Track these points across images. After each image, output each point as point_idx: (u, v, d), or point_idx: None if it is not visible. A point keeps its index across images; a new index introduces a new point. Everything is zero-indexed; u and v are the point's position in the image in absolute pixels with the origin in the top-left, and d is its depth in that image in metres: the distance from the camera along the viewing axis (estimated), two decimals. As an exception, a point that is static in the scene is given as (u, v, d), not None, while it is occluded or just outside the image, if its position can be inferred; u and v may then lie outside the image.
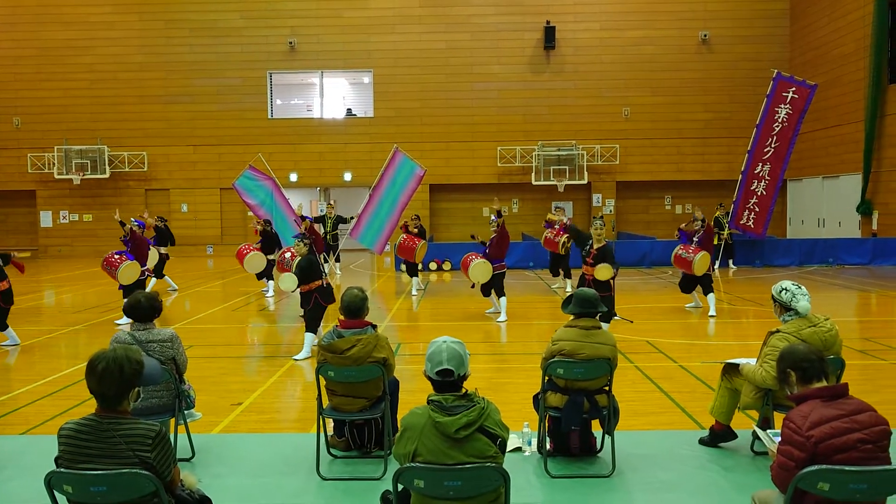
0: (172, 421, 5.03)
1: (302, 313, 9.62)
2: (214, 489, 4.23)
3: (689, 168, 26.01)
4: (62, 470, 2.95)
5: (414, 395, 6.71)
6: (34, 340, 10.43)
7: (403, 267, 17.65)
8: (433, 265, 19.62)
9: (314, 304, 8.86)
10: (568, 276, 15.20)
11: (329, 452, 5.32)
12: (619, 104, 25.92)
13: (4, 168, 26.04)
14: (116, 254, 11.50)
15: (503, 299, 11.52)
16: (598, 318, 5.14)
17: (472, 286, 11.99)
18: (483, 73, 25.83)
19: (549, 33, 25.44)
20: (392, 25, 25.76)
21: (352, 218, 15.83)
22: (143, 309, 5.01)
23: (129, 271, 11.26)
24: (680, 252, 11.99)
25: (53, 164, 25.53)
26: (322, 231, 17.50)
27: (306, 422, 6.41)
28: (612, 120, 25.87)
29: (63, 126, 25.69)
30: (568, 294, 5.53)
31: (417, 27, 25.73)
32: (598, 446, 5.27)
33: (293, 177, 25.51)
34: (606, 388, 5.01)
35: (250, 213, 20.81)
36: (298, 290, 9.06)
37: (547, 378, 5.02)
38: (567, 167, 25.17)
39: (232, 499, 4.60)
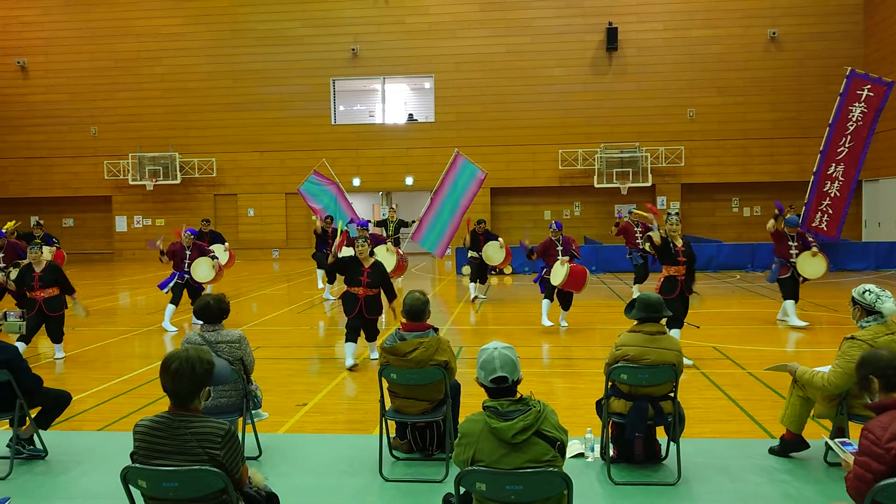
0: (240, 420, 5.15)
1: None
2: (280, 488, 4.31)
3: (757, 169, 25.31)
4: (137, 465, 3.06)
5: (475, 398, 6.67)
6: (110, 341, 10.83)
7: (466, 270, 17.70)
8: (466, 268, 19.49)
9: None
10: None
11: (391, 454, 5.37)
12: (683, 105, 25.42)
13: (82, 175, 27.19)
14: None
15: (546, 302, 11.21)
16: (664, 323, 5.04)
17: (521, 244, 11.82)
18: (544, 76, 25.70)
19: (612, 34, 25.14)
20: (453, 30, 25.87)
21: (413, 222, 15.92)
22: (212, 311, 5.16)
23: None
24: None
25: (128, 170, 26.53)
26: (384, 235, 17.66)
27: (368, 423, 6.48)
28: (676, 121, 25.39)
29: (137, 134, 26.68)
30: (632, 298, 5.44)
31: (478, 31, 25.78)
32: (663, 454, 5.17)
33: (356, 181, 25.86)
34: (672, 394, 4.91)
35: (314, 217, 21.25)
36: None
37: (610, 384, 4.96)
38: (630, 169, 24.82)
39: (297, 497, 4.68)
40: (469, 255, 14.72)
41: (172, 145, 26.48)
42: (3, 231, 11.98)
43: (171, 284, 11.59)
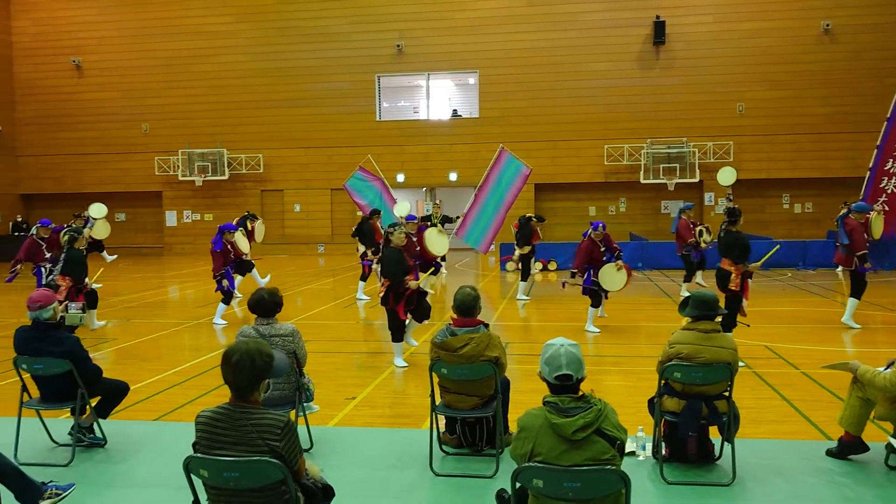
0: (293, 413, 5.22)
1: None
2: (331, 480, 4.33)
3: (809, 165, 24.69)
4: (199, 455, 3.12)
5: (524, 394, 6.70)
6: (161, 333, 11.08)
7: (511, 266, 17.67)
8: (538, 265, 19.47)
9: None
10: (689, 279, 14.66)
11: (441, 449, 5.39)
12: (732, 99, 24.92)
13: (134, 171, 27.84)
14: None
15: (592, 310, 11.05)
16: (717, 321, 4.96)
17: (563, 285, 11.64)
18: (590, 70, 25.45)
19: (659, 28, 24.78)
20: (498, 26, 25.78)
21: (457, 217, 15.93)
22: (266, 304, 5.24)
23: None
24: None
25: (177, 166, 27.07)
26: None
27: (417, 418, 6.52)
28: (725, 116, 24.92)
29: (186, 131, 27.21)
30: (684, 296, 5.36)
31: (524, 27, 25.64)
32: (716, 453, 5.10)
33: (400, 177, 25.97)
34: (726, 393, 4.83)
35: (359, 213, 21.40)
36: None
37: (663, 382, 4.90)
38: (677, 165, 24.45)
39: (348, 490, 4.72)
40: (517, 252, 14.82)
41: (220, 142, 26.94)
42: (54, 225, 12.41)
43: (225, 283, 11.72)
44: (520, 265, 15.03)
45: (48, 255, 11.88)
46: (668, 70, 25.22)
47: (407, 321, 8.60)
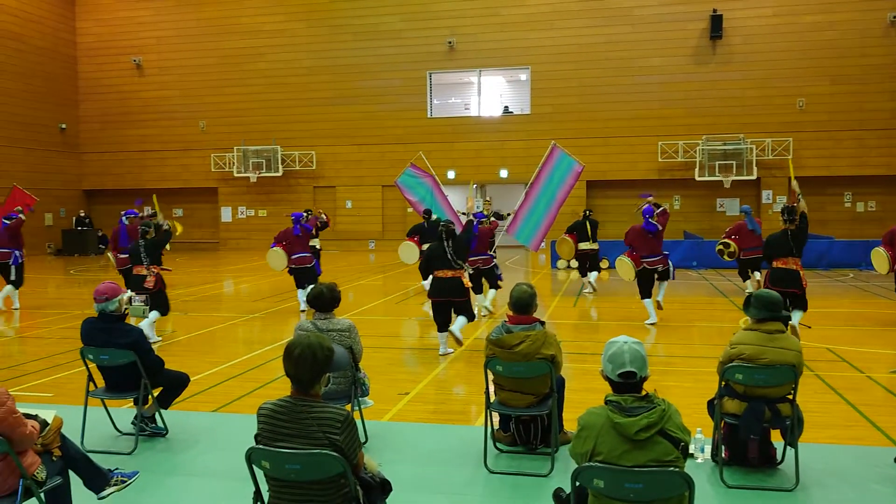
0: (348, 407, 5.27)
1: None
2: (386, 475, 4.38)
3: (874, 162, 23.89)
4: (261, 447, 3.17)
5: (577, 393, 6.64)
6: (217, 327, 11.30)
7: (563, 264, 17.57)
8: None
9: None
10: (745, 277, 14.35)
11: (495, 446, 5.37)
12: (792, 95, 24.25)
13: (191, 167, 28.49)
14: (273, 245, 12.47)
15: (646, 301, 11.02)
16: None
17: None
18: (644, 66, 25.07)
19: (716, 22, 24.25)
20: (550, 21, 25.59)
21: (508, 214, 15.87)
22: (325, 299, 5.30)
23: (273, 257, 12.52)
24: None
25: (233, 163, 27.60)
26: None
27: (469, 414, 6.53)
28: (784, 112, 24.26)
29: (242, 128, 27.72)
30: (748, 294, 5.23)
31: (576, 22, 25.40)
32: (778, 458, 4.97)
33: (451, 174, 25.98)
34: (790, 396, 4.70)
35: (410, 210, 21.49)
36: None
37: (724, 383, 4.79)
38: (734, 162, 23.91)
39: (402, 486, 4.71)
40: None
41: (275, 139, 27.37)
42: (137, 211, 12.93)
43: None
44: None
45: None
46: (725, 65, 24.68)
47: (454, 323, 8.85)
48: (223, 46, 27.92)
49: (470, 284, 9.00)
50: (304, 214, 15.77)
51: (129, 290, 7.75)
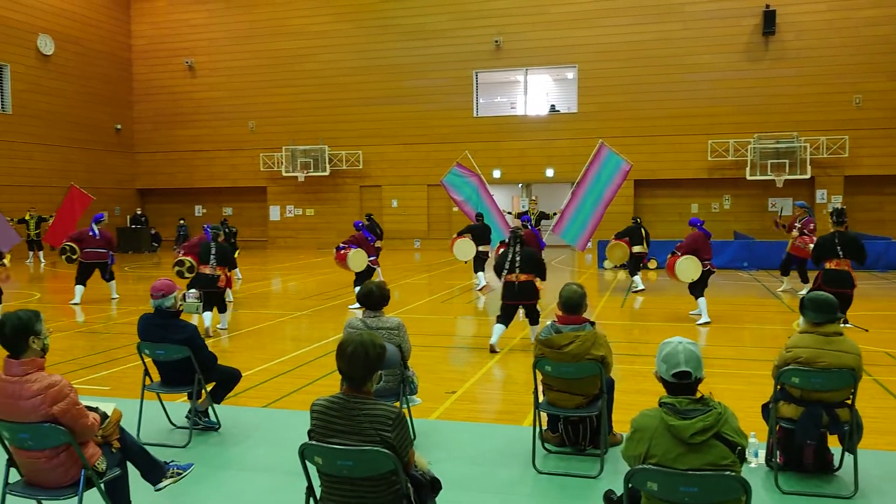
0: (397, 404, 5.30)
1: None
2: (434, 473, 4.41)
3: (934, 160, 23.10)
4: (314, 443, 3.21)
5: (626, 395, 6.58)
6: (266, 323, 11.48)
7: (610, 264, 17.42)
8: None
9: None
10: (805, 279, 14.07)
11: (543, 447, 5.34)
12: (848, 91, 23.58)
13: (241, 167, 28.99)
14: (341, 248, 12.63)
15: (702, 300, 10.92)
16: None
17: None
18: (694, 63, 24.66)
19: (769, 18, 23.72)
20: (598, 19, 25.34)
21: (554, 214, 15.79)
22: (375, 297, 5.34)
23: (357, 258, 12.44)
24: None
25: (281, 162, 28.00)
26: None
27: (517, 414, 6.51)
28: (840, 109, 23.60)
29: (290, 128, 28.10)
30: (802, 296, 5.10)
31: (625, 19, 25.11)
32: (836, 464, 4.84)
33: (496, 173, 25.95)
34: (848, 400, 4.58)
35: (455, 209, 21.52)
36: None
37: (779, 387, 4.69)
38: (787, 161, 23.35)
39: (451, 484, 4.72)
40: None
41: (322, 138, 27.67)
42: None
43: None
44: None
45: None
46: (778, 61, 24.12)
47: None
48: (273, 47, 28.35)
49: (542, 287, 9.17)
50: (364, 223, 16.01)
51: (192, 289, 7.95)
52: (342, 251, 12.58)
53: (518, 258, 9.00)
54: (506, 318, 9.05)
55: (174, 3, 29.50)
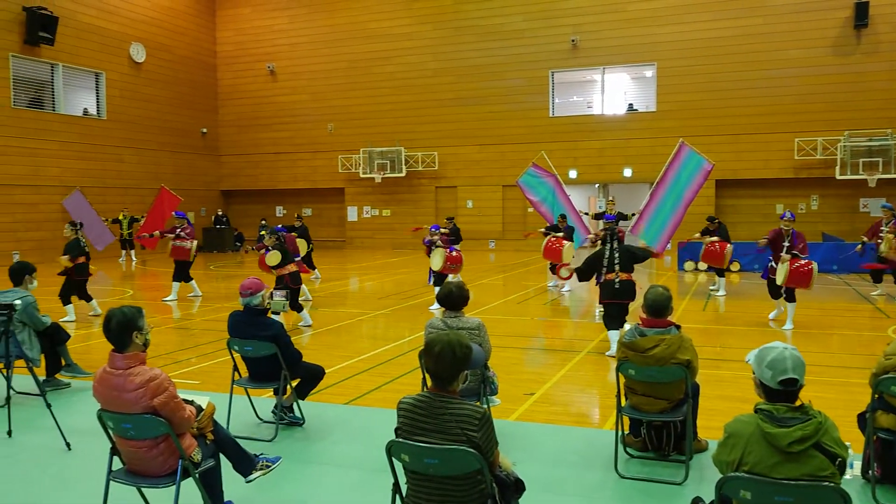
0: (477, 404, 5.32)
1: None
2: (518, 474, 4.42)
3: None
4: (400, 440, 3.27)
5: (710, 400, 6.43)
6: (345, 322, 11.70)
7: (693, 265, 17.05)
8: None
9: None
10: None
11: (625, 451, 5.28)
12: (949, 85, 22.35)
13: (320, 168, 29.63)
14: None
15: (792, 305, 10.53)
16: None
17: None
18: (779, 58, 23.81)
19: (861, 10, 22.68)
20: (678, 15, 24.78)
21: (633, 214, 15.51)
22: (455, 298, 5.39)
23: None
24: None
25: (359, 164, 28.47)
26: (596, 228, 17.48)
27: (596, 417, 6.44)
28: (939, 104, 22.39)
29: (368, 130, 28.55)
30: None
31: (706, 15, 24.47)
32: (939, 478, 4.61)
33: (572, 173, 25.70)
34: (953, 412, 4.36)
35: (531, 210, 21.42)
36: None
37: (877, 396, 4.50)
38: (880, 159, 22.28)
39: (532, 486, 4.70)
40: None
41: (399, 140, 28.00)
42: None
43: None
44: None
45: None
46: (870, 55, 23.05)
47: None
48: (352, 51, 28.86)
49: (642, 287, 9.06)
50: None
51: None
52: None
53: (617, 255, 8.81)
54: (613, 319, 8.77)
55: (257, 9, 30.38)
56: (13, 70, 22.61)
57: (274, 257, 11.03)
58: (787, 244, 10.54)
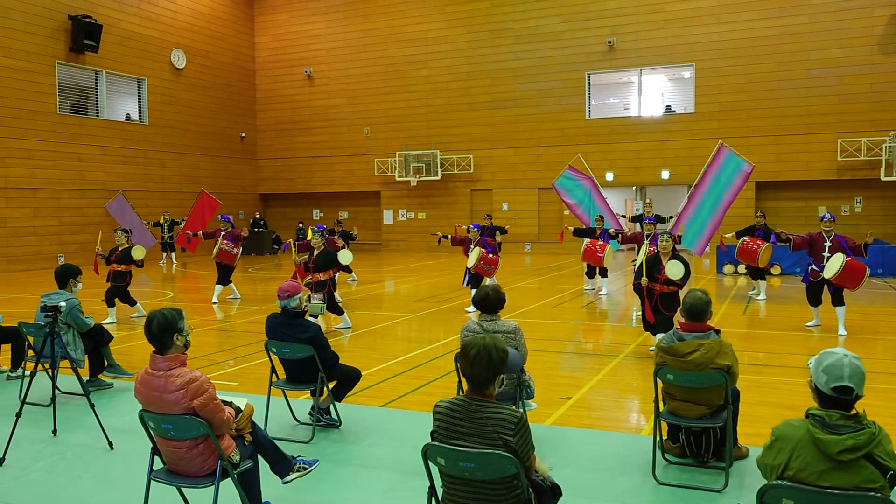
0: (513, 408, 5.30)
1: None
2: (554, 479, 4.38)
3: None
4: (437, 444, 3.26)
5: (751, 406, 6.33)
6: (381, 325, 11.75)
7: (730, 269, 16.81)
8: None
9: None
10: None
11: (663, 457, 5.21)
12: None
13: (356, 172, 29.84)
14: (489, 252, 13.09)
15: (841, 309, 10.30)
16: None
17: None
18: (821, 58, 23.34)
19: (908, 7, 22.15)
20: (717, 15, 24.45)
21: (670, 217, 15.34)
22: (491, 301, 5.37)
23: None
24: None
25: (394, 167, 28.60)
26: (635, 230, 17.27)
27: (634, 422, 6.37)
28: None
29: (403, 133, 28.68)
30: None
31: (745, 15, 24.09)
32: None
33: (609, 176, 25.49)
34: None
35: (567, 212, 21.30)
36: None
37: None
38: (927, 160, 21.71)
39: (569, 491, 4.67)
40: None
41: (434, 143, 28.06)
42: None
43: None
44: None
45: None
46: (918, 53, 22.47)
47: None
48: (387, 55, 29.02)
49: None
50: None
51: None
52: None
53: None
54: (657, 325, 8.59)
55: (294, 15, 30.73)
56: (59, 77, 23.19)
57: (346, 255, 11.54)
58: (828, 244, 10.34)
